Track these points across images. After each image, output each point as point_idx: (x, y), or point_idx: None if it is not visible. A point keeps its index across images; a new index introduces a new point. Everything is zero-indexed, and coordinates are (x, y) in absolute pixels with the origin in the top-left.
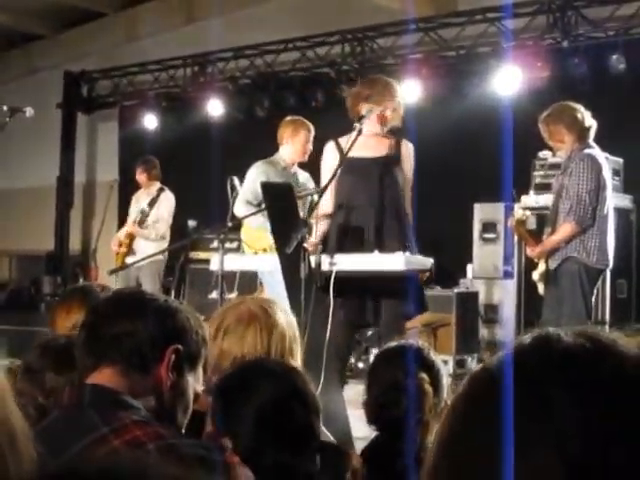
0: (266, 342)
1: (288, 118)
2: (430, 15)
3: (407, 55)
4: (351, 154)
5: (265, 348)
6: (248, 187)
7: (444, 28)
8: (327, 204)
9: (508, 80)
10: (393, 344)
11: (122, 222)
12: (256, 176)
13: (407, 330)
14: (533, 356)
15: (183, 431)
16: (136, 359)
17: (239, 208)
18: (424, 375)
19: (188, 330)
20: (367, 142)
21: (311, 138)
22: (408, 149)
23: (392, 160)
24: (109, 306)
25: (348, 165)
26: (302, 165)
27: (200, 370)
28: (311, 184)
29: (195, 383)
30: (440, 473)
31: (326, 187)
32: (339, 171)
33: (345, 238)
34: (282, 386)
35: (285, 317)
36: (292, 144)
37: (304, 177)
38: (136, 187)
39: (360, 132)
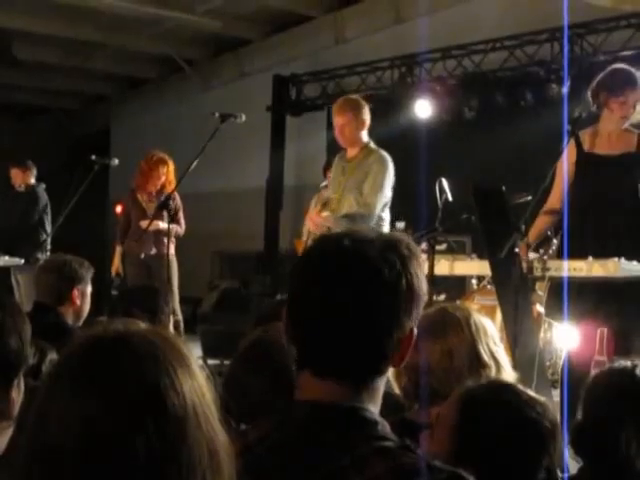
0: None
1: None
2: None
3: (618, 52)
4: (589, 150)
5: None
6: None
7: None
8: (553, 199)
9: None
10: (618, 365)
11: None
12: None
13: None
14: None
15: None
16: None
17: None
18: None
19: None
20: (607, 138)
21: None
22: None
23: (633, 157)
24: None
25: (585, 162)
26: None
27: None
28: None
29: None
30: None
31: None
32: (575, 167)
33: (579, 240)
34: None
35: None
36: None
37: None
38: None
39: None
